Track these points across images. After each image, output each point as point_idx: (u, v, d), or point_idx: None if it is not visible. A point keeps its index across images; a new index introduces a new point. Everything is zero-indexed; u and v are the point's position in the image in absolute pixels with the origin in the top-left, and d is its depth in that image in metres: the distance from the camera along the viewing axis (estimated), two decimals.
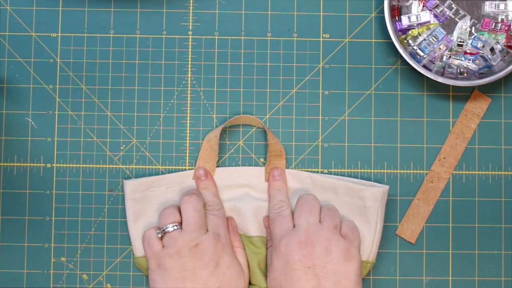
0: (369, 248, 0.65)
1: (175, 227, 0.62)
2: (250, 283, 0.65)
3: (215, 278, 0.61)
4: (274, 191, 0.66)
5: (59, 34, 0.69)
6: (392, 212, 0.69)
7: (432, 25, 0.68)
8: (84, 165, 0.69)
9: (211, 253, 0.61)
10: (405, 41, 0.68)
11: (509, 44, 0.68)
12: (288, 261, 0.60)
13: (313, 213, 0.62)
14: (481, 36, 0.68)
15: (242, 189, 0.67)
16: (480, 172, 0.69)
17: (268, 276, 0.63)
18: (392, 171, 0.69)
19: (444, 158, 0.69)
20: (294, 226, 0.62)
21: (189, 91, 0.69)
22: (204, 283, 0.60)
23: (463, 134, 0.69)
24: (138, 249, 0.66)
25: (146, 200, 0.67)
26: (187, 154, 0.69)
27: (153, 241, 0.63)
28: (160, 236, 0.63)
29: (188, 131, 0.69)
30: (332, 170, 0.69)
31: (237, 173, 0.68)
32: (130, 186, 0.66)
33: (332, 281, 0.59)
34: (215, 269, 0.61)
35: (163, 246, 0.63)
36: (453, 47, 0.68)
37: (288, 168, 0.68)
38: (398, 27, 0.68)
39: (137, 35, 0.69)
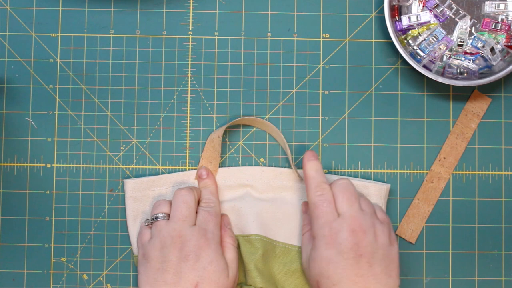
0: None
1: (164, 217, 0.62)
2: (246, 284, 0.65)
3: (195, 273, 0.60)
4: (311, 171, 0.63)
5: (59, 34, 0.69)
6: (392, 212, 0.69)
7: (432, 25, 0.68)
8: (84, 165, 0.69)
9: (193, 245, 0.60)
10: (405, 41, 0.68)
11: (509, 44, 0.68)
12: (340, 250, 0.59)
13: (356, 200, 0.61)
14: (481, 36, 0.68)
15: (243, 189, 0.67)
16: (480, 172, 0.69)
17: (311, 266, 0.60)
18: (392, 171, 0.69)
19: (444, 158, 0.69)
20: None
21: (189, 91, 0.69)
22: (184, 276, 0.59)
23: (463, 134, 0.69)
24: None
25: (146, 199, 0.67)
26: (187, 154, 0.69)
27: (143, 231, 0.63)
28: (148, 225, 0.63)
29: (188, 131, 0.69)
30: (332, 170, 0.69)
31: (238, 173, 0.68)
32: (131, 185, 0.67)
33: (382, 266, 0.59)
34: (196, 263, 0.60)
35: (151, 238, 0.63)
36: (453, 47, 0.68)
37: (289, 168, 0.68)
38: (398, 27, 0.68)
39: (137, 35, 0.69)
